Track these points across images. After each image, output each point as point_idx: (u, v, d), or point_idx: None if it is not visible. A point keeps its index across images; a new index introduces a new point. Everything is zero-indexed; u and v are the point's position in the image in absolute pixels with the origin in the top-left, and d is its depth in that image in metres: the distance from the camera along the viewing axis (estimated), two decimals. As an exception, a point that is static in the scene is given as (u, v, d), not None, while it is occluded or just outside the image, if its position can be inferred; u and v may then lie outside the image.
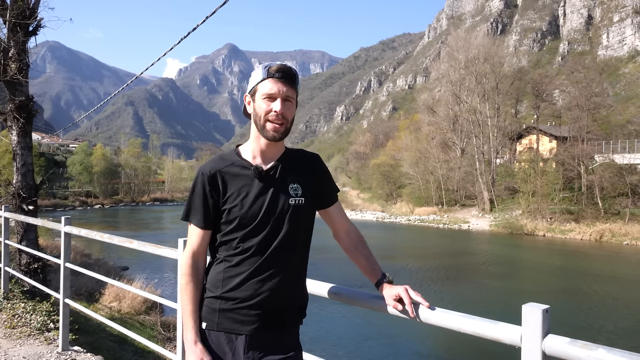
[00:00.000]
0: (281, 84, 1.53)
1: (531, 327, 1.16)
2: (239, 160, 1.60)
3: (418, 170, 48.68)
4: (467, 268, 21.46)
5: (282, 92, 1.53)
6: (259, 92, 1.55)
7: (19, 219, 6.25)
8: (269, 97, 1.53)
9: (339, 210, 1.74)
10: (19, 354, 3.91)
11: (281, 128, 1.55)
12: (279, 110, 1.52)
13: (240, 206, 1.53)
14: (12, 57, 7.74)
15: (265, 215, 1.53)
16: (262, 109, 1.54)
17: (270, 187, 1.56)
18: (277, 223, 1.54)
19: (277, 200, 1.55)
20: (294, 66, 2.88)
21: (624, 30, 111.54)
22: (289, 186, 1.58)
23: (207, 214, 1.56)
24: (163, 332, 9.59)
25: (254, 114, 1.58)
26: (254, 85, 1.57)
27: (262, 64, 1.57)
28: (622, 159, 33.40)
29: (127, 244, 3.15)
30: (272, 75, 1.53)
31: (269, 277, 1.53)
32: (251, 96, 1.59)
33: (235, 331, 1.52)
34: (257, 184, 1.55)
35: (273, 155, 1.61)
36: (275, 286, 1.53)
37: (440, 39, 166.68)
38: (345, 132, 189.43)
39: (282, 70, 1.54)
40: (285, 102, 1.54)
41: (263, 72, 1.55)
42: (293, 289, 1.60)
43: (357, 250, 1.69)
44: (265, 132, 1.55)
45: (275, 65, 1.55)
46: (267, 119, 1.54)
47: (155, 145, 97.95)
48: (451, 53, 51.50)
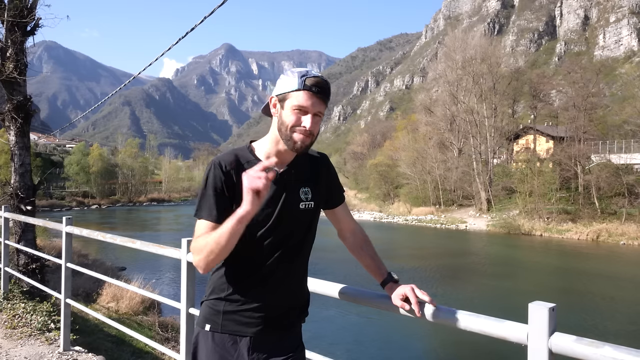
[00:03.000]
0: (316, 99, 1.46)
1: (538, 325, 1.17)
2: (254, 160, 1.54)
3: (415, 170, 48.72)
4: (465, 268, 21.50)
5: (315, 108, 1.47)
6: (290, 101, 1.47)
7: (19, 219, 6.23)
8: (301, 109, 1.46)
9: (345, 211, 1.74)
10: (20, 354, 3.90)
11: (308, 141, 1.49)
12: (309, 127, 1.46)
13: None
14: (10, 56, 7.71)
15: (276, 219, 1.51)
16: (291, 120, 1.47)
17: (283, 191, 1.53)
18: (287, 226, 1.53)
19: (289, 203, 1.53)
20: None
21: (620, 31, 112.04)
22: (300, 189, 1.56)
23: (222, 208, 1.47)
24: (161, 333, 9.56)
25: (279, 121, 1.50)
26: (286, 92, 1.48)
27: (297, 71, 1.49)
28: (619, 159, 33.49)
29: (129, 244, 3.15)
30: (309, 89, 1.45)
31: (274, 279, 1.53)
32: (279, 102, 1.51)
33: (240, 333, 1.51)
34: (271, 186, 1.50)
35: (287, 158, 1.58)
36: (281, 288, 1.54)
37: (438, 39, 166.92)
38: (342, 132, 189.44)
39: (319, 85, 1.46)
40: (315, 117, 1.48)
41: (299, 83, 1.46)
42: (297, 290, 1.60)
43: (362, 250, 1.69)
44: (291, 144, 1.49)
45: (313, 78, 1.46)
46: (294, 131, 1.47)
47: (152, 145, 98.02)
48: (448, 53, 51.54)
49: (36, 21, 8.02)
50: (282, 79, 1.52)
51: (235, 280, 1.54)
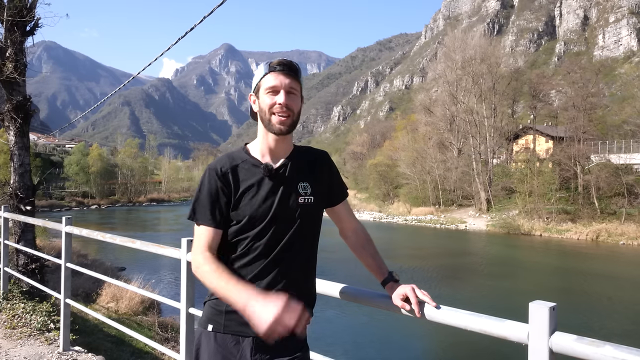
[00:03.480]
0: (283, 76, 1.51)
1: (538, 324, 1.17)
2: (249, 158, 1.57)
3: (415, 170, 48.72)
4: (465, 268, 21.50)
5: (285, 85, 1.51)
6: (262, 87, 1.53)
7: (19, 219, 6.22)
8: (272, 90, 1.51)
9: (347, 209, 1.73)
10: (20, 354, 3.90)
11: (287, 120, 1.52)
12: (283, 102, 1.49)
13: (251, 205, 1.50)
14: (10, 56, 7.70)
15: (274, 214, 1.50)
16: (266, 103, 1.51)
17: (280, 185, 1.53)
18: (286, 222, 1.52)
19: (287, 199, 1.52)
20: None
21: (619, 31, 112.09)
22: (298, 184, 1.55)
23: (219, 212, 1.50)
24: (161, 333, 9.55)
25: (259, 110, 1.55)
26: (257, 82, 1.55)
27: (265, 62, 1.56)
28: (618, 159, 33.51)
29: (129, 244, 3.14)
30: (274, 69, 1.51)
31: (276, 277, 1.51)
32: (255, 94, 1.57)
33: (242, 333, 1.49)
34: (267, 182, 1.52)
35: (282, 153, 1.58)
36: (283, 286, 1.50)
37: (437, 40, 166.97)
38: (342, 132, 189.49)
39: (283, 63, 1.52)
40: (289, 94, 1.51)
41: (265, 68, 1.54)
42: (301, 289, 1.56)
43: (364, 249, 1.68)
44: (272, 126, 1.52)
45: (277, 60, 1.54)
46: (272, 112, 1.51)
47: (152, 145, 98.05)
48: (448, 53, 51.55)
49: (35, 21, 8.01)
50: (255, 75, 1.59)
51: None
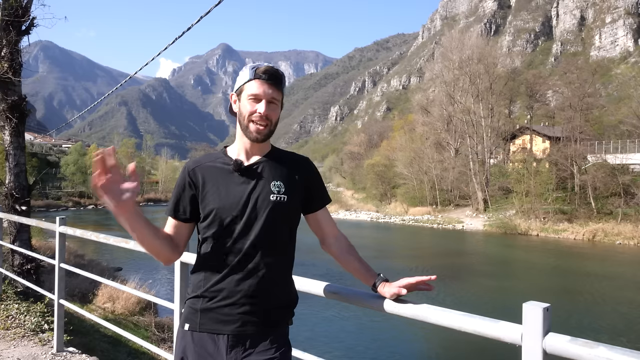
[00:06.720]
0: (267, 85, 1.53)
1: (532, 325, 1.16)
2: (223, 157, 1.60)
3: (412, 170, 48.80)
4: (461, 268, 21.52)
5: (268, 94, 1.52)
6: (245, 92, 1.54)
7: (13, 219, 6.19)
8: (254, 98, 1.53)
9: (327, 216, 1.71)
10: (14, 355, 3.87)
11: (264, 130, 1.54)
12: (263, 112, 1.51)
13: (218, 198, 1.51)
14: (5, 56, 7.67)
15: (242, 209, 1.50)
16: (247, 109, 1.53)
17: (250, 181, 1.54)
18: (255, 218, 1.51)
19: (256, 194, 1.52)
20: (288, 66, 2.89)
21: (616, 32, 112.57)
22: (271, 183, 1.55)
23: (182, 205, 1.57)
24: (157, 333, 9.53)
25: (238, 113, 1.57)
26: (241, 85, 1.57)
27: (250, 65, 1.58)
28: (615, 159, 33.61)
29: (123, 244, 3.13)
30: (259, 77, 1.53)
31: (247, 274, 1.50)
32: (237, 95, 1.59)
33: (218, 331, 1.49)
34: (237, 177, 1.54)
35: (257, 154, 1.60)
36: (255, 285, 1.50)
37: (434, 40, 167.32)
38: (339, 132, 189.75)
39: (268, 72, 1.53)
40: (269, 104, 1.53)
41: (250, 73, 1.55)
42: (275, 288, 1.55)
43: (349, 254, 1.67)
44: (249, 133, 1.55)
45: (263, 67, 1.54)
46: (250, 120, 1.53)
47: (149, 145, 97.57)
48: (445, 53, 51.64)
49: (31, 21, 7.98)
50: (239, 75, 1.61)
51: (210, 275, 1.53)
